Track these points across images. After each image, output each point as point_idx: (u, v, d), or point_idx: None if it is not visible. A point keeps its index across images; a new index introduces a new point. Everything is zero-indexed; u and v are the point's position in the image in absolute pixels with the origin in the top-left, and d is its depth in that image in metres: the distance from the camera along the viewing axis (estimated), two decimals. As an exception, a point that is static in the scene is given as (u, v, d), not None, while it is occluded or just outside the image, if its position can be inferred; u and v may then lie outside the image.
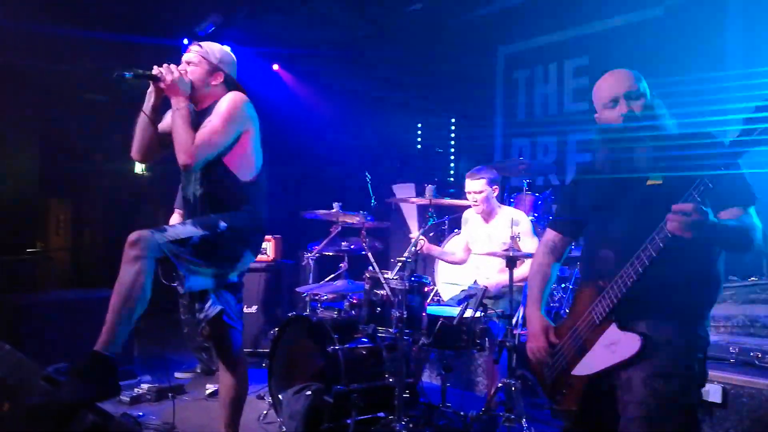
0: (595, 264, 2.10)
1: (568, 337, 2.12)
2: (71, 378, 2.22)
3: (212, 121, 2.60)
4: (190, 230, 2.50)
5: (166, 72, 2.60)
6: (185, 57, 2.75)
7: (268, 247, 5.56)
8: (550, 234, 2.41)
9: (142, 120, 2.73)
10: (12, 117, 6.08)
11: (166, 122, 2.84)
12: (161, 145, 2.79)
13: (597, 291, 2.02)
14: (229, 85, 2.79)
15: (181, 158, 2.57)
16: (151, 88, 2.71)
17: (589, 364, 2.00)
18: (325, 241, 4.49)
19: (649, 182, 2.01)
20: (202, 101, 2.75)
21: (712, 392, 3.07)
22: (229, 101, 2.64)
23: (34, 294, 5.03)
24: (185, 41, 6.36)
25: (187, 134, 2.56)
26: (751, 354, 3.31)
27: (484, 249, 3.99)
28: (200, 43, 2.78)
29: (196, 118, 2.68)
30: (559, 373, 2.14)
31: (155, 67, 2.62)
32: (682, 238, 1.74)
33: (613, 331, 1.94)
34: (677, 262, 1.88)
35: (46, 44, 5.66)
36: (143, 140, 2.75)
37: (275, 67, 7.63)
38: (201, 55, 2.72)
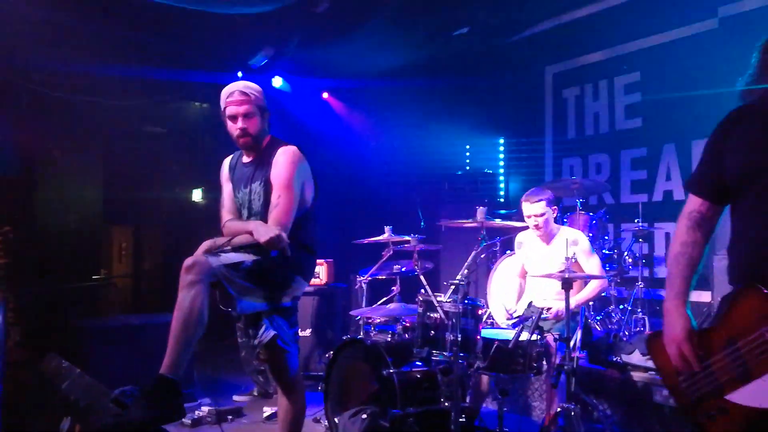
0: (760, 260, 1.61)
1: (724, 354, 1.67)
2: (139, 400, 2.30)
3: (281, 201, 2.64)
4: (243, 255, 2.57)
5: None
6: (239, 111, 2.72)
7: (321, 271, 5.62)
8: (694, 202, 1.83)
9: None
10: (77, 149, 6.39)
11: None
12: None
13: (765, 301, 1.55)
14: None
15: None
16: None
17: (757, 396, 1.57)
18: (377, 265, 4.52)
19: None
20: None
21: None
22: (286, 165, 2.70)
23: (98, 319, 5.22)
24: (239, 74, 6.58)
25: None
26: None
27: (543, 271, 3.92)
28: (243, 91, 2.74)
29: (252, 171, 2.80)
30: (708, 393, 1.70)
31: None
32: None
33: None
34: None
35: (107, 81, 5.98)
36: None
37: (324, 95, 7.79)
38: (257, 106, 2.75)
